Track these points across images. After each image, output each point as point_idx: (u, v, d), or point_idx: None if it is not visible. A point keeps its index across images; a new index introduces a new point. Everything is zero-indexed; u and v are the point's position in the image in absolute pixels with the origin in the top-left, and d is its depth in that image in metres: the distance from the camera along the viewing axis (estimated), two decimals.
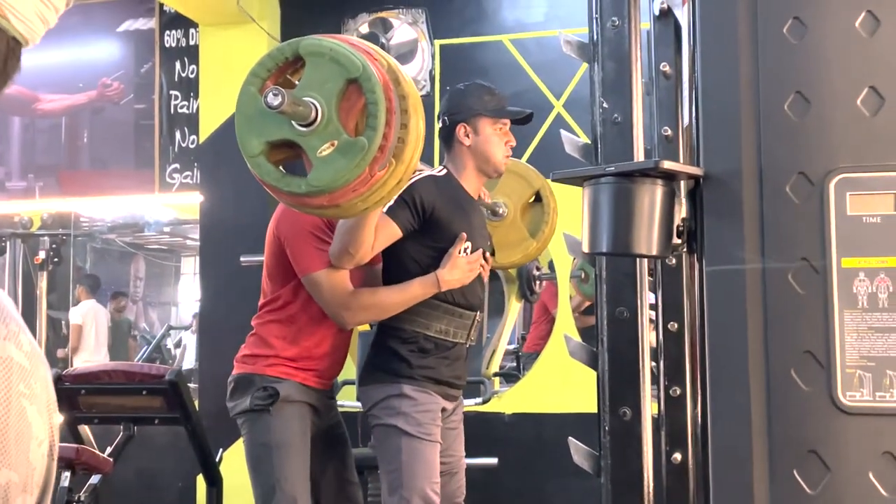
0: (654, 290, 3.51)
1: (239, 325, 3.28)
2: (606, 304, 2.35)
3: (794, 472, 1.22)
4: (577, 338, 2.64)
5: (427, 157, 5.30)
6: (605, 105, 2.35)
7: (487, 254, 2.91)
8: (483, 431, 5.05)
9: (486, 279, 2.94)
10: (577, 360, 2.42)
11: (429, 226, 2.72)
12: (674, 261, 3.45)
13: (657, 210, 1.30)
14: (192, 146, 5.61)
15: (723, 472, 1.25)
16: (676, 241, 1.35)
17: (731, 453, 1.23)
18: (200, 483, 4.98)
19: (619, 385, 2.34)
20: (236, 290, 4.82)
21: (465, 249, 2.77)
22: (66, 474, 4.44)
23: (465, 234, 2.76)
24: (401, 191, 2.63)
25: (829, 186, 1.26)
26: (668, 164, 1.26)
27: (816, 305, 1.24)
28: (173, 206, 6.77)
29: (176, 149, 5.61)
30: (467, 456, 4.33)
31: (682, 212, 1.36)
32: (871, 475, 1.21)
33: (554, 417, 4.85)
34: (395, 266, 2.78)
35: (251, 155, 2.08)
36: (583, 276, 5.64)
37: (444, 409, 2.81)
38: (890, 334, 1.22)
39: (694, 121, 1.38)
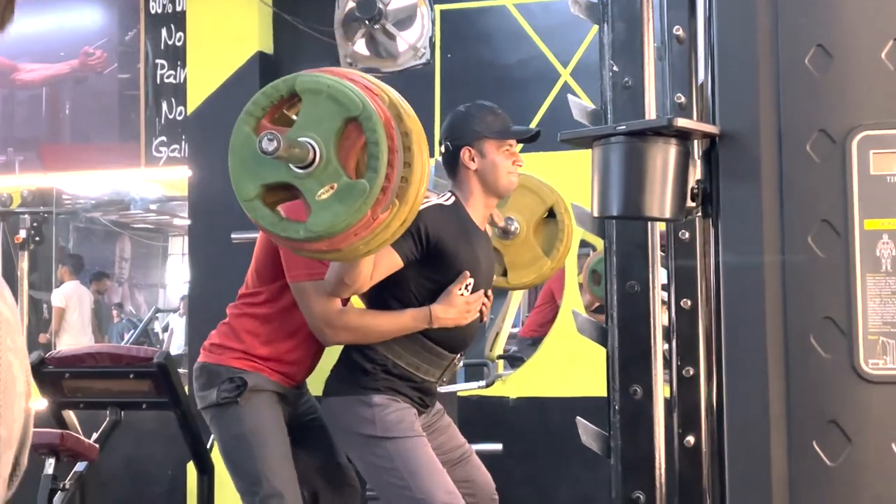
0: (666, 265, 3.52)
1: (231, 301, 3.28)
2: (616, 278, 2.36)
3: (814, 444, 1.23)
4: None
5: (427, 131, 5.27)
6: (615, 68, 2.35)
7: (491, 291, 2.88)
8: (487, 416, 5.07)
9: (485, 319, 2.90)
10: (585, 337, 2.43)
11: (431, 257, 2.67)
12: (687, 235, 3.46)
13: (670, 171, 1.30)
14: (179, 118, 5.59)
15: (739, 443, 1.26)
16: (690, 204, 1.36)
17: (747, 424, 1.24)
18: (191, 470, 5.00)
19: (630, 362, 2.35)
20: (227, 268, 4.82)
21: (467, 286, 2.74)
22: (51, 461, 4.45)
23: (468, 273, 2.72)
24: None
25: (852, 145, 1.26)
26: (682, 122, 1.26)
27: (837, 269, 1.25)
28: (160, 181, 6.77)
29: (162, 121, 5.60)
30: (471, 440, 4.35)
31: (696, 174, 1.36)
32: (894, 446, 1.22)
33: (560, 402, 4.86)
34: (384, 291, 2.71)
35: (246, 199, 2.07)
36: (597, 274, 5.64)
37: (418, 412, 2.78)
38: None
39: (710, 79, 1.38)
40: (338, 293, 2.61)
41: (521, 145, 3.01)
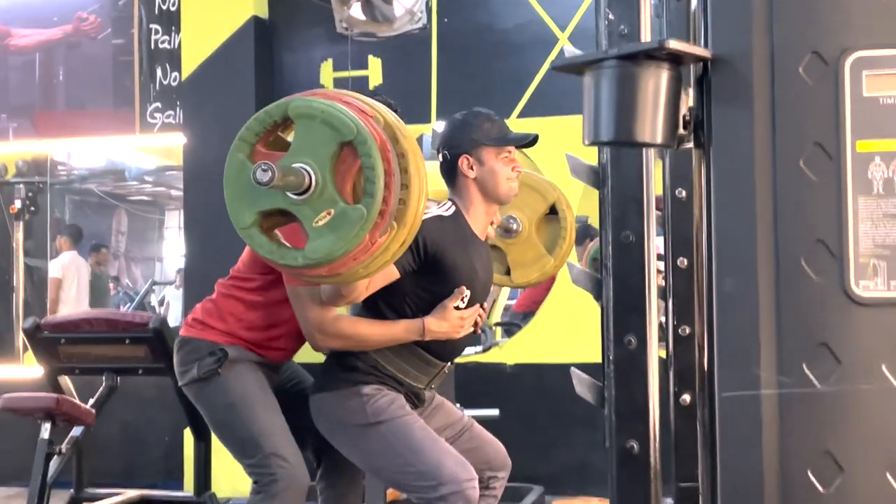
0: (663, 225, 3.52)
1: (226, 273, 3.28)
2: (611, 229, 2.36)
3: (804, 366, 1.23)
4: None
5: (424, 98, 5.27)
6: (610, 16, 2.34)
7: (486, 304, 2.88)
8: (484, 383, 5.09)
9: (478, 331, 2.88)
10: (581, 307, 2.43)
11: (429, 269, 2.65)
12: (683, 193, 3.46)
13: (662, 95, 1.30)
14: (174, 84, 5.58)
15: (728, 364, 1.26)
16: (682, 131, 1.35)
17: (737, 346, 1.24)
18: (188, 436, 5.02)
19: (625, 313, 2.35)
20: (223, 235, 4.81)
21: (463, 299, 2.73)
22: (47, 426, 4.47)
23: (464, 287, 2.72)
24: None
25: (845, 66, 1.25)
26: (673, 44, 1.26)
27: (829, 192, 1.25)
28: (155, 150, 6.76)
29: (157, 87, 5.58)
30: (468, 406, 4.37)
31: (688, 101, 1.36)
32: (883, 367, 1.22)
33: (556, 368, 4.86)
34: (382, 295, 2.70)
35: (242, 227, 2.07)
36: (595, 263, 5.63)
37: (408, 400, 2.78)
38: None
39: (701, 4, 1.37)
40: (333, 303, 2.61)
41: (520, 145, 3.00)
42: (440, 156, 2.85)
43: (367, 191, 2.00)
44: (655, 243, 2.45)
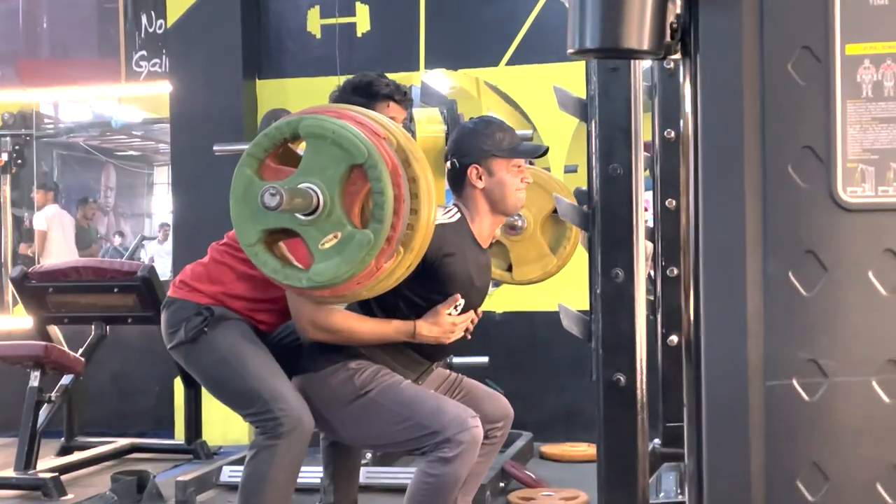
0: (651, 167, 3.49)
1: (215, 224, 3.25)
2: (599, 161, 2.33)
3: (790, 274, 1.21)
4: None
5: (411, 59, 5.21)
6: None
7: (479, 311, 2.85)
8: (474, 330, 5.08)
9: (469, 337, 2.85)
10: (566, 221, 2.41)
11: (427, 275, 2.61)
12: (672, 134, 3.42)
13: (649, 1, 1.27)
14: (159, 31, 5.51)
15: (714, 276, 1.24)
16: (669, 40, 1.32)
17: (722, 254, 1.23)
18: (178, 386, 5.02)
19: (612, 245, 2.32)
20: (211, 182, 4.79)
21: (457, 306, 2.71)
22: (36, 374, 4.46)
23: (458, 296, 2.70)
24: None
25: None
26: None
27: (817, 97, 1.22)
28: (142, 99, 6.69)
29: (142, 34, 5.52)
30: (458, 355, 4.35)
31: (676, 9, 1.33)
32: (870, 273, 1.20)
33: (546, 315, 4.87)
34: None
35: (248, 244, 2.05)
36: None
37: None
38: (895, 125, 1.21)
39: None
40: (325, 302, 2.57)
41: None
42: (448, 163, 2.81)
43: (375, 216, 1.98)
44: (643, 177, 2.43)
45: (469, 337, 2.86)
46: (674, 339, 3.28)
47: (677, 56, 1.36)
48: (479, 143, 2.78)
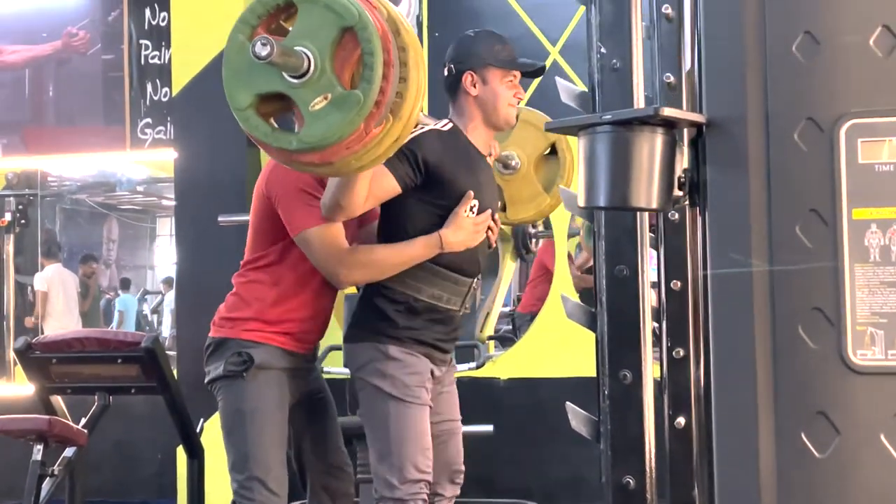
0: (655, 246, 3.51)
1: (218, 287, 3.27)
2: (605, 262, 2.35)
3: (802, 435, 1.23)
4: (575, 298, 2.63)
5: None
6: (603, 50, 2.33)
7: (496, 215, 2.87)
8: (478, 398, 5.07)
9: (493, 243, 2.90)
10: (574, 322, 2.43)
11: (431, 183, 2.67)
12: (676, 216, 3.44)
13: (657, 160, 1.29)
14: (164, 99, 5.55)
15: (727, 435, 1.26)
16: (678, 193, 1.35)
17: (735, 415, 1.24)
18: (181, 454, 5.00)
19: (619, 347, 2.34)
20: (214, 251, 4.81)
21: (472, 208, 2.73)
22: (39, 447, 4.45)
23: (472, 193, 2.72)
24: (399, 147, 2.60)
25: (840, 133, 1.25)
26: (668, 111, 1.25)
27: (826, 259, 1.24)
28: (146, 163, 6.73)
29: (147, 102, 5.56)
30: (461, 423, 4.35)
31: (683, 162, 1.35)
32: (882, 437, 1.22)
33: (551, 382, 4.87)
34: (392, 224, 2.75)
35: (239, 108, 2.05)
36: (591, 230, 5.64)
37: (433, 374, 2.81)
38: None
39: (696, 65, 1.37)
40: (333, 216, 2.61)
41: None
42: (445, 69, 2.85)
43: (364, 76, 1.99)
44: (649, 275, 2.44)
45: (493, 244, 2.88)
46: (681, 421, 3.28)
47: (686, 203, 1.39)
48: (477, 50, 2.81)
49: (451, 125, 2.81)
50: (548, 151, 3.47)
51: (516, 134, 3.31)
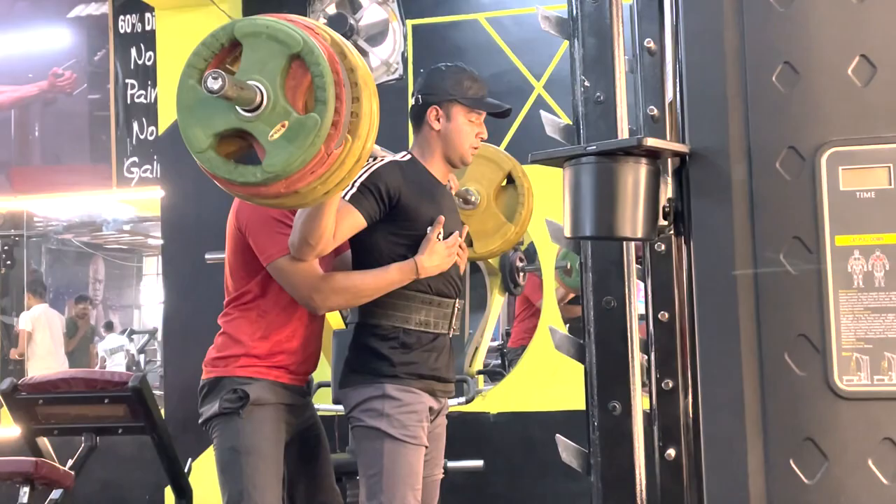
0: (643, 278, 3.53)
1: (206, 326, 3.26)
2: (593, 294, 2.36)
3: (791, 462, 1.23)
4: (563, 330, 2.63)
5: (401, 144, 5.29)
6: (586, 84, 2.36)
7: (464, 243, 2.89)
8: (467, 432, 5.05)
9: (462, 266, 2.92)
10: (563, 354, 2.43)
11: (396, 214, 2.69)
12: (663, 247, 3.45)
13: (641, 190, 1.30)
14: (150, 138, 5.57)
15: (716, 463, 1.26)
16: (663, 222, 1.36)
17: (724, 443, 1.24)
18: (169, 495, 4.95)
19: (608, 379, 2.35)
20: (202, 289, 4.80)
21: (439, 235, 2.74)
22: (25, 490, 4.40)
23: (442, 218, 2.74)
24: (361, 173, 2.60)
25: (821, 161, 1.26)
26: (651, 142, 1.27)
27: (810, 286, 1.25)
28: (133, 202, 6.73)
29: (134, 141, 5.57)
30: (452, 458, 4.33)
31: (668, 192, 1.37)
32: (870, 462, 1.22)
33: (541, 416, 4.86)
34: (362, 257, 2.75)
35: (199, 150, 2.05)
36: (567, 266, 5.65)
37: (431, 409, 2.80)
38: (887, 314, 1.23)
39: (679, 97, 1.38)
40: (302, 255, 2.59)
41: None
42: (413, 99, 2.86)
43: (318, 99, 2.00)
44: (637, 307, 2.45)
45: (462, 264, 2.88)
46: (671, 452, 3.28)
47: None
48: (445, 85, 2.81)
49: (409, 157, 2.83)
50: (504, 182, 3.50)
51: (472, 170, 3.35)
